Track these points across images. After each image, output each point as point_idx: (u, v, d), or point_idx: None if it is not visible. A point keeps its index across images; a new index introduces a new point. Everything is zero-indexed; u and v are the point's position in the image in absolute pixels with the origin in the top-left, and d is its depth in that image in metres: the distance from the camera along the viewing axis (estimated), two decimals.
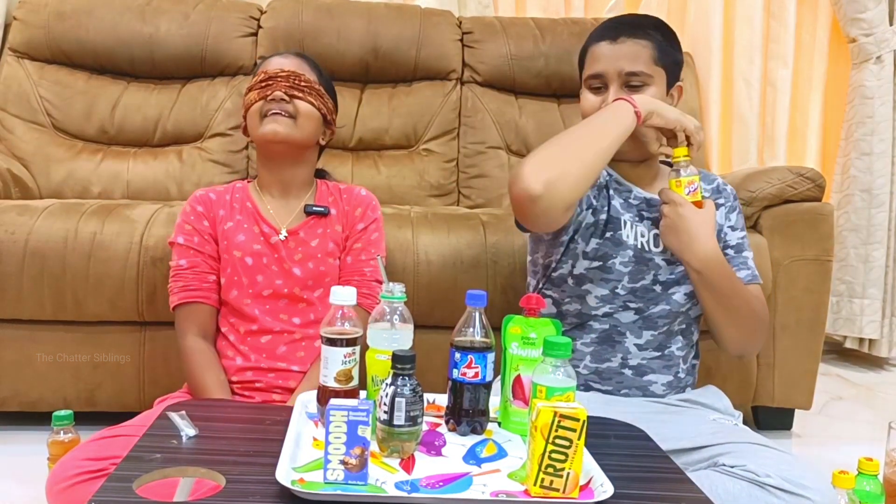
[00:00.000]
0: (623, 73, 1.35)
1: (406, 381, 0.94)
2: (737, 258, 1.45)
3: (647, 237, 1.40)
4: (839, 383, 2.65)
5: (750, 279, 1.44)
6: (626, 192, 1.43)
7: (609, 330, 1.40)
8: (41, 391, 1.79)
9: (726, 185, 1.52)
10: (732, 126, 2.91)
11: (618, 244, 1.39)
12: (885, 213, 2.77)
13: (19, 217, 1.75)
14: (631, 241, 1.39)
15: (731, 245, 1.46)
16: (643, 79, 1.35)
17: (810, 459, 1.26)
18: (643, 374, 1.40)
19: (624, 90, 1.35)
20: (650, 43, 1.35)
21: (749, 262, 1.46)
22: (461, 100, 2.56)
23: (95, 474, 1.18)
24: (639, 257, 1.39)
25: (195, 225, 1.45)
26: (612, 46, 1.36)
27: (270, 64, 1.49)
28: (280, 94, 1.42)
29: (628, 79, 1.35)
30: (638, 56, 1.35)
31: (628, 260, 1.38)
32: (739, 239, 1.47)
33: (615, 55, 1.36)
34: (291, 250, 1.45)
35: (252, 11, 2.51)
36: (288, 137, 1.43)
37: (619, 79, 1.35)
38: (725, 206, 1.48)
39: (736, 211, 1.49)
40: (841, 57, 2.91)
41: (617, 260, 1.38)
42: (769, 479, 1.12)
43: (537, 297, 1.07)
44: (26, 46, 2.40)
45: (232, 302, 1.44)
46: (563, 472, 0.85)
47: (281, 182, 1.50)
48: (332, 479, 0.85)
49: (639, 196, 1.43)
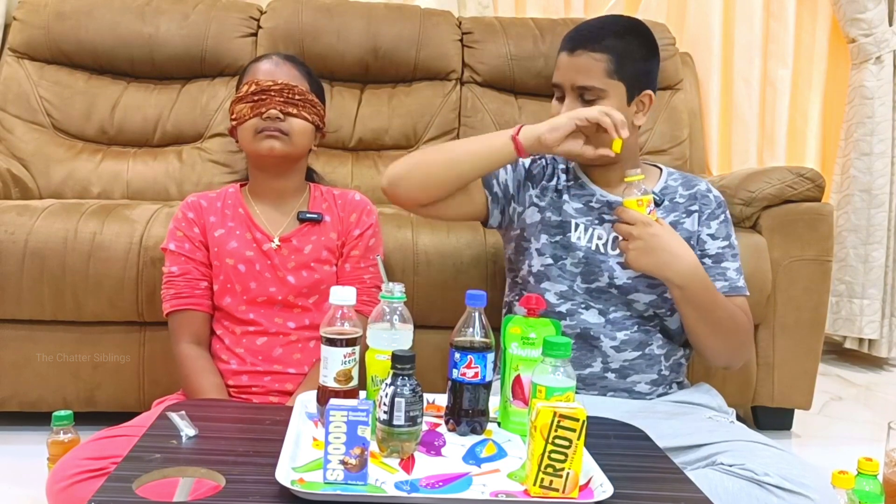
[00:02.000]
0: (575, 86, 1.36)
1: (406, 381, 0.94)
2: (714, 268, 1.42)
3: (604, 239, 1.41)
4: (839, 383, 2.65)
5: (727, 291, 1.41)
6: (589, 195, 1.45)
7: (581, 333, 1.40)
8: (41, 391, 1.79)
9: (710, 192, 1.49)
10: (732, 126, 2.91)
11: (566, 246, 1.42)
12: (884, 213, 2.77)
13: (19, 217, 1.75)
14: (582, 244, 1.41)
15: (709, 255, 1.43)
16: (596, 93, 1.35)
17: (810, 459, 1.26)
18: (626, 376, 1.40)
19: (579, 101, 1.36)
20: (606, 56, 1.35)
21: (729, 274, 1.43)
22: (461, 100, 2.56)
23: (95, 474, 1.18)
24: (591, 259, 1.40)
25: (186, 231, 1.45)
26: (568, 59, 1.37)
27: (259, 71, 1.45)
28: (275, 112, 1.39)
29: (581, 92, 1.36)
30: (591, 70, 1.35)
31: (578, 261, 1.41)
32: (720, 249, 1.44)
33: (570, 68, 1.37)
34: (285, 258, 1.44)
35: (252, 11, 2.51)
36: (284, 154, 1.43)
37: (574, 91, 1.37)
38: (702, 212, 1.45)
39: (718, 219, 1.46)
40: (841, 57, 2.90)
41: (567, 261, 1.42)
42: (768, 477, 1.12)
43: (537, 298, 1.07)
44: (26, 46, 2.40)
45: (226, 308, 1.44)
46: (563, 472, 0.85)
47: (273, 189, 1.48)
48: (332, 479, 0.85)
49: (601, 199, 1.44)
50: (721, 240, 1.45)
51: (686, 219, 1.45)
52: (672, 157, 2.57)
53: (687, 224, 1.45)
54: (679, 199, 1.47)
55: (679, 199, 1.47)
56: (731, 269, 1.44)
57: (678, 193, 1.47)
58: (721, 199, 1.49)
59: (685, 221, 1.45)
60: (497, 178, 1.46)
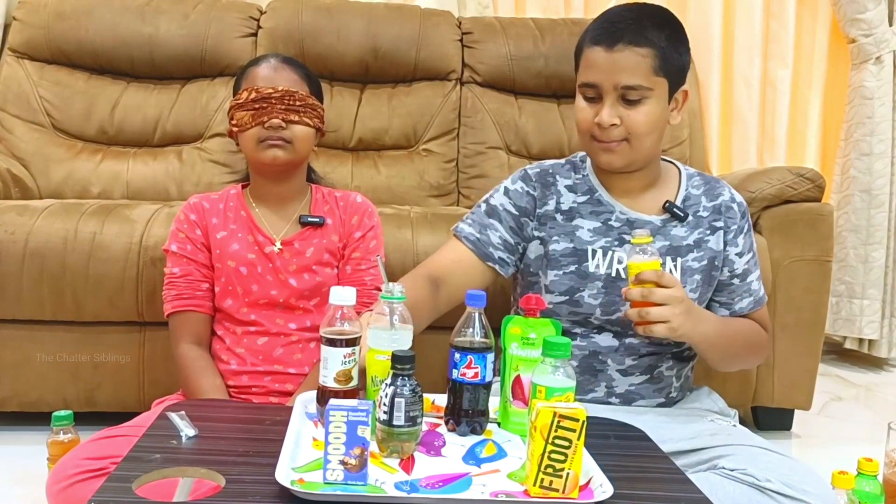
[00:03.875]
0: (619, 86, 1.23)
1: (406, 382, 0.94)
2: (741, 287, 1.37)
3: (625, 263, 1.25)
4: (839, 384, 2.65)
5: (752, 307, 1.38)
6: (607, 212, 1.33)
7: (589, 357, 1.31)
8: (41, 391, 1.79)
9: (734, 201, 1.37)
10: (732, 126, 2.91)
11: (584, 276, 1.29)
12: (884, 213, 2.77)
13: (19, 217, 1.74)
14: (601, 272, 1.29)
15: (737, 274, 1.36)
16: (641, 93, 1.23)
17: (810, 460, 1.26)
18: (631, 402, 1.33)
19: (620, 103, 1.24)
20: (651, 51, 1.23)
21: (752, 286, 1.38)
22: (461, 100, 2.56)
23: (95, 473, 1.18)
24: (610, 287, 1.28)
25: (188, 233, 1.44)
26: (607, 55, 1.23)
27: (258, 77, 1.42)
28: (277, 121, 1.38)
29: (625, 92, 1.23)
30: (637, 67, 1.22)
31: (597, 292, 1.29)
32: (746, 264, 1.37)
33: (611, 66, 1.23)
34: (286, 261, 1.44)
35: (252, 11, 2.51)
36: (287, 162, 1.42)
37: (615, 92, 1.24)
38: (728, 228, 1.35)
39: (743, 232, 1.37)
40: (840, 57, 2.90)
41: (585, 293, 1.29)
42: (770, 483, 1.12)
43: (537, 298, 1.07)
44: (26, 46, 2.40)
45: (227, 309, 1.43)
46: (563, 473, 0.85)
47: (275, 194, 1.48)
48: (332, 480, 0.85)
49: (621, 217, 1.33)
50: (747, 253, 1.37)
51: (710, 236, 1.35)
52: (672, 157, 2.55)
53: (711, 243, 1.34)
54: (703, 212, 1.36)
55: (703, 212, 1.36)
56: (755, 280, 1.39)
57: (701, 206, 1.36)
58: (744, 207, 1.39)
59: (710, 240, 1.34)
60: (493, 244, 1.34)
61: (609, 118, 1.25)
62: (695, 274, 1.32)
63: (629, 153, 1.28)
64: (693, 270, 1.32)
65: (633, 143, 1.27)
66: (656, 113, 1.26)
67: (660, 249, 1.29)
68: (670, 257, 1.31)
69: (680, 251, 1.32)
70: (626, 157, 1.28)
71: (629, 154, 1.28)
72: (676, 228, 1.34)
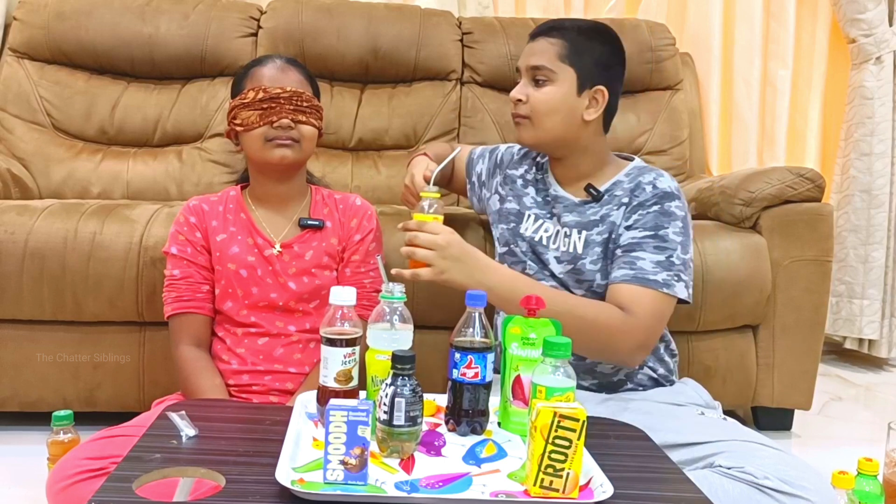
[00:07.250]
0: (529, 67, 1.42)
1: (406, 382, 0.94)
2: (622, 258, 1.35)
3: (550, 233, 1.46)
4: (839, 384, 2.65)
5: (629, 280, 1.31)
6: (545, 189, 1.51)
7: None
8: (41, 391, 1.79)
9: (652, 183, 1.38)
10: (732, 126, 2.91)
11: (515, 234, 1.51)
12: (884, 213, 2.77)
13: (19, 217, 1.75)
14: (528, 234, 1.49)
15: (619, 244, 1.36)
16: (545, 73, 1.40)
17: (810, 460, 1.25)
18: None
19: (530, 83, 1.42)
20: (560, 41, 1.40)
21: (639, 264, 1.32)
22: (461, 100, 2.56)
23: (95, 473, 1.18)
24: (534, 250, 1.47)
25: (188, 236, 1.44)
26: (529, 44, 1.45)
27: (264, 77, 1.42)
28: (287, 121, 1.39)
29: (533, 73, 1.41)
30: (544, 52, 1.40)
31: (525, 251, 1.49)
32: (635, 239, 1.35)
33: (528, 51, 1.44)
34: (286, 264, 1.44)
35: (252, 11, 2.51)
36: (295, 162, 1.43)
37: (528, 73, 1.42)
38: (630, 204, 1.38)
39: (647, 210, 1.36)
40: (840, 57, 2.91)
41: (517, 249, 1.50)
42: (768, 481, 1.12)
43: (537, 298, 1.07)
44: (26, 46, 2.40)
45: (227, 312, 1.43)
46: (563, 473, 0.85)
47: (276, 195, 1.48)
48: (332, 480, 0.85)
49: (553, 194, 1.49)
50: (640, 230, 1.35)
51: (615, 212, 1.40)
52: (672, 157, 2.57)
53: (613, 217, 1.39)
54: (618, 191, 1.41)
55: (618, 191, 1.41)
56: (647, 260, 1.32)
57: (621, 187, 1.42)
58: (663, 192, 1.37)
59: (613, 215, 1.40)
60: (474, 167, 1.63)
61: (516, 93, 1.43)
62: (596, 247, 1.41)
63: (532, 130, 1.43)
64: (595, 243, 1.41)
65: (534, 120, 1.42)
66: (557, 97, 1.40)
67: (569, 224, 1.44)
68: (577, 230, 1.43)
69: (587, 226, 1.43)
70: (531, 135, 1.44)
71: (532, 131, 1.43)
72: (593, 208, 1.43)
